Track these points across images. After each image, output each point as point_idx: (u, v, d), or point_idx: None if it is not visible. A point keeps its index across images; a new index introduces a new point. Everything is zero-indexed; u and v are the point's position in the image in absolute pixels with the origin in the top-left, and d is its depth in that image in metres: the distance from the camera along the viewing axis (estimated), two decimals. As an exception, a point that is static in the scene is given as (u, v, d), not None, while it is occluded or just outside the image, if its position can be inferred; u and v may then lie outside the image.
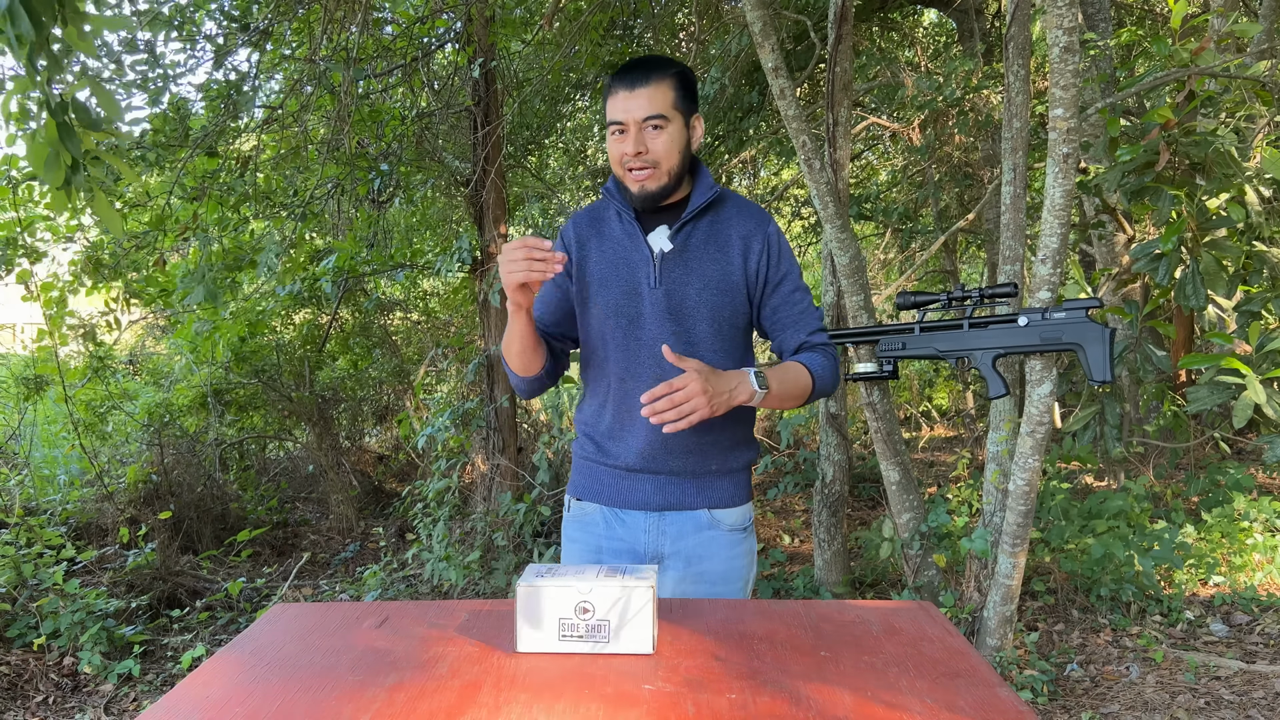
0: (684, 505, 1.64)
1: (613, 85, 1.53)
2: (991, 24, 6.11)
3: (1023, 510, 2.89)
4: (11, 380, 6.06)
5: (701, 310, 1.59)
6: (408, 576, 4.44)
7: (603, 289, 1.61)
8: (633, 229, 1.61)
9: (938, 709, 1.00)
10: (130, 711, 3.28)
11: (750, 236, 1.61)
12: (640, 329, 1.60)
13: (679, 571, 1.64)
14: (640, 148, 1.52)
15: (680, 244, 1.59)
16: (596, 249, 1.64)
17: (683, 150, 1.56)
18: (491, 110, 4.94)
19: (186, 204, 4.53)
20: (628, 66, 1.53)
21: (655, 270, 1.59)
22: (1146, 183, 2.89)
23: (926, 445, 7.31)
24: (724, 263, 1.60)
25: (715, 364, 1.60)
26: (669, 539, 1.64)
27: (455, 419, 4.25)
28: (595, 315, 1.63)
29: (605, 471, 1.68)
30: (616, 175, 1.60)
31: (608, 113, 1.54)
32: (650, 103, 1.50)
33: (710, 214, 1.62)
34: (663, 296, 1.58)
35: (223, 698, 1.06)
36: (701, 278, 1.59)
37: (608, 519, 1.68)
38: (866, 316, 3.36)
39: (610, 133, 1.55)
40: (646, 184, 1.55)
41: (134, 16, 4.47)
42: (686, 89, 1.55)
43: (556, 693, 1.05)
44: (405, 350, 7.17)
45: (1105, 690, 2.98)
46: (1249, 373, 2.54)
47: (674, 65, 1.55)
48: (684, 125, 1.56)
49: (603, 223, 1.66)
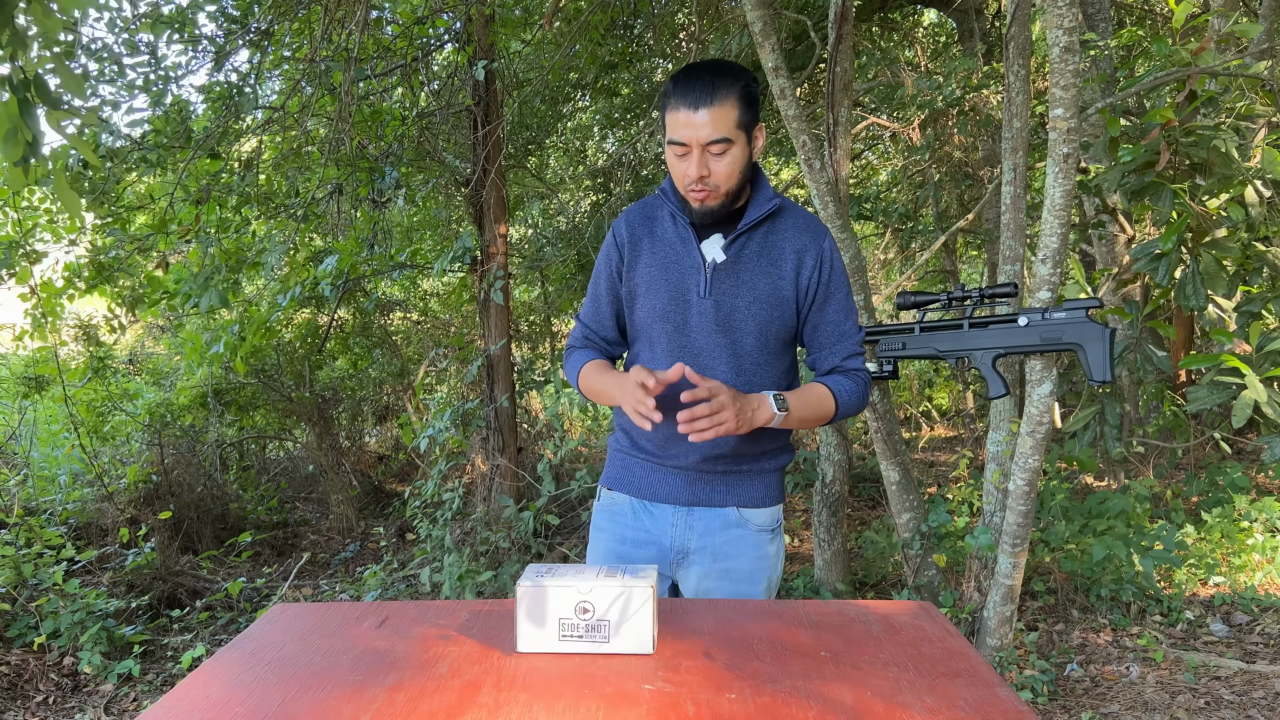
0: (713, 502, 1.64)
1: (674, 99, 1.46)
2: (991, 24, 6.11)
3: (1023, 510, 2.89)
4: (11, 380, 6.06)
5: (749, 324, 1.57)
6: (408, 576, 4.44)
7: (650, 292, 1.60)
8: (687, 234, 1.59)
9: (938, 709, 1.00)
10: (130, 711, 3.28)
11: (804, 251, 1.58)
12: (687, 335, 1.59)
13: (704, 567, 1.64)
14: (704, 171, 1.48)
15: (734, 255, 1.57)
16: (649, 249, 1.62)
17: (745, 169, 1.52)
18: (491, 110, 4.94)
19: (189, 206, 4.53)
20: (690, 78, 1.45)
21: (706, 280, 1.57)
22: (1147, 182, 2.89)
23: (926, 445, 7.31)
24: (775, 277, 1.57)
25: (761, 376, 1.61)
26: (696, 534, 1.64)
27: (455, 419, 4.25)
28: (641, 316, 1.63)
29: (637, 463, 1.68)
30: (676, 188, 1.56)
31: (668, 128, 1.49)
32: (715, 126, 1.44)
33: (766, 225, 1.59)
34: (711, 307, 1.57)
35: (223, 698, 1.06)
36: (752, 290, 1.57)
37: (636, 510, 1.68)
38: (866, 316, 3.36)
39: (670, 148, 1.50)
40: (708, 202, 1.52)
41: (135, 19, 4.47)
42: (750, 101, 1.49)
43: (556, 693, 1.05)
44: (405, 350, 7.17)
45: (1105, 690, 2.98)
46: (1249, 372, 2.54)
47: (739, 77, 1.47)
48: (747, 142, 1.50)
49: (655, 222, 1.63)
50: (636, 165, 5.34)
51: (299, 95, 4.94)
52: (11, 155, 1.92)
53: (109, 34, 4.45)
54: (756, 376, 1.60)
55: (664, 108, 1.50)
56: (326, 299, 5.41)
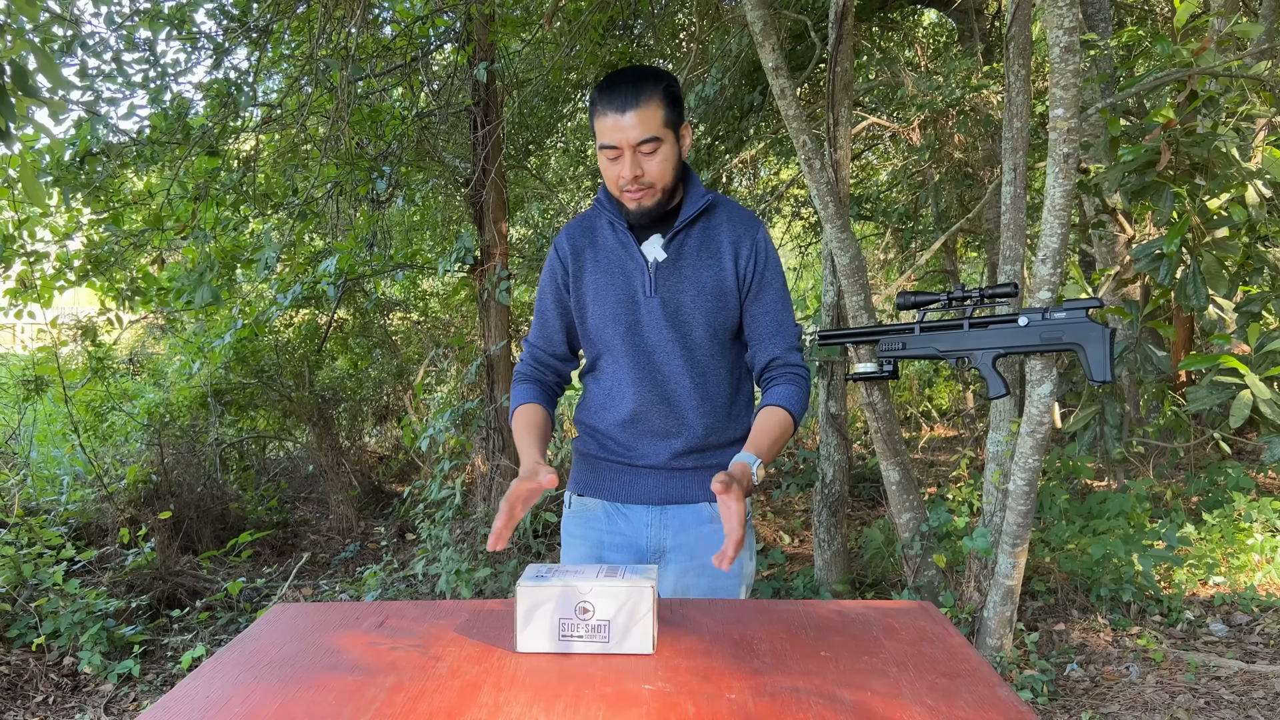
0: (686, 499, 1.66)
1: (600, 105, 1.51)
2: (991, 24, 6.11)
3: (1023, 510, 2.89)
4: (11, 381, 6.06)
5: (697, 317, 1.61)
6: (408, 576, 4.44)
7: (599, 299, 1.64)
8: (627, 239, 1.63)
9: (938, 709, 0.99)
10: (130, 711, 3.28)
11: (739, 242, 1.63)
12: (639, 335, 1.62)
13: (681, 565, 1.65)
14: (636, 171, 1.52)
15: (674, 253, 1.61)
16: (591, 259, 1.66)
17: (676, 165, 1.57)
18: (491, 110, 4.94)
19: (186, 203, 4.52)
20: (612, 83, 1.51)
21: (650, 280, 1.61)
22: (1148, 182, 2.89)
23: (926, 445, 7.31)
24: (716, 269, 1.62)
25: (713, 368, 1.64)
26: (671, 533, 1.66)
27: (455, 419, 4.25)
28: (594, 323, 1.65)
29: (607, 466, 1.69)
30: (610, 192, 1.60)
31: (598, 133, 1.54)
32: (643, 126, 1.49)
33: (702, 221, 1.64)
34: (659, 305, 1.60)
35: (223, 698, 1.06)
36: (695, 285, 1.61)
37: (609, 514, 1.69)
38: (866, 316, 3.36)
39: (602, 153, 1.55)
40: (643, 202, 1.56)
41: (134, 15, 4.47)
42: (674, 101, 1.55)
43: (556, 693, 1.05)
44: (405, 350, 7.17)
45: (1105, 690, 2.98)
46: (1248, 372, 2.54)
47: (660, 79, 1.53)
48: (675, 140, 1.56)
49: (595, 232, 1.68)
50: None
51: (298, 94, 4.94)
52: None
53: (107, 30, 4.44)
54: (710, 368, 1.64)
55: (592, 116, 1.55)
56: (327, 299, 5.41)
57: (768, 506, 5.65)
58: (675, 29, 6.28)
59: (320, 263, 4.89)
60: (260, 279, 5.01)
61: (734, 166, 6.21)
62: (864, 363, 3.14)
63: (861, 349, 3.26)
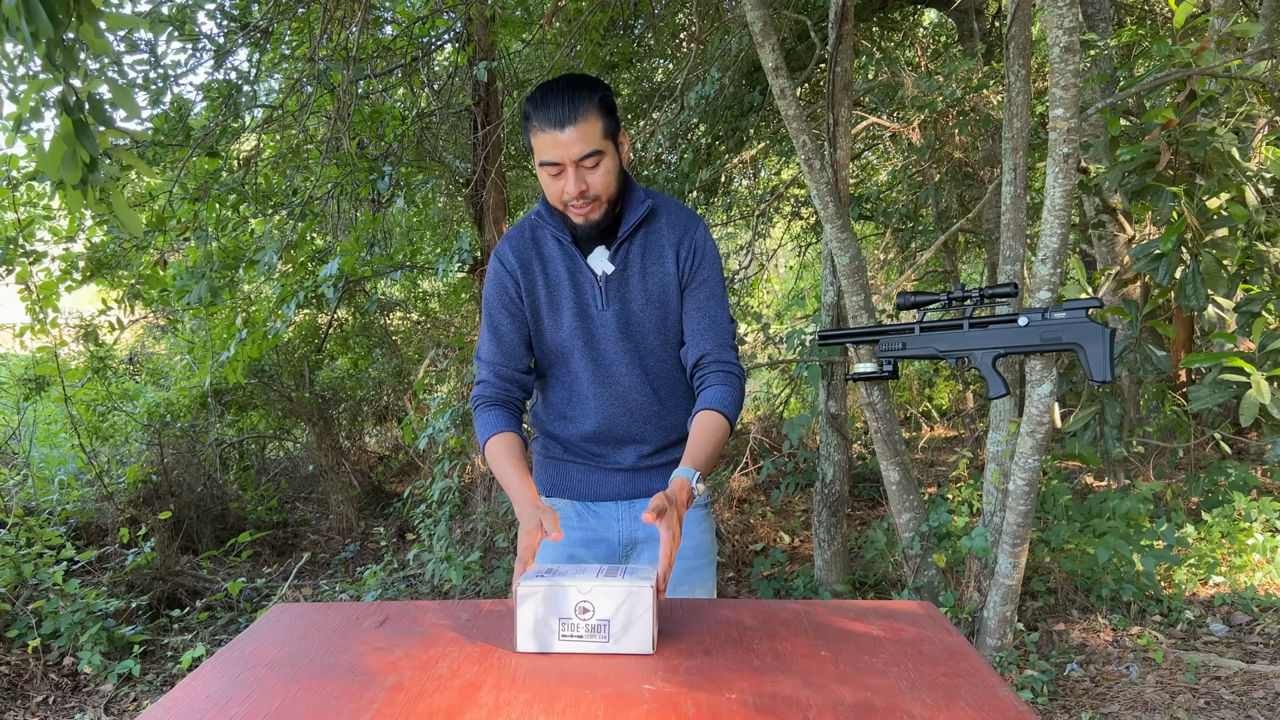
0: (653, 490, 1.66)
1: (536, 121, 1.46)
2: (991, 24, 6.11)
3: (1023, 510, 2.89)
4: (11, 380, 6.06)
5: (648, 324, 1.62)
6: (408, 576, 4.44)
7: (553, 313, 1.62)
8: (573, 252, 1.61)
9: (938, 709, 0.99)
10: (130, 711, 3.28)
11: (680, 242, 1.63)
12: (596, 349, 1.62)
13: (653, 556, 1.67)
14: (581, 186, 1.49)
15: (620, 264, 1.61)
16: (540, 272, 1.63)
17: (619, 175, 1.55)
18: (491, 110, 4.94)
19: (188, 204, 4.52)
20: (548, 97, 1.46)
21: (601, 294, 1.60)
22: (1148, 182, 2.89)
23: (926, 445, 7.30)
24: (661, 274, 1.62)
25: (666, 372, 1.65)
26: (641, 525, 1.68)
27: (455, 419, 4.24)
28: (550, 337, 1.64)
29: (574, 468, 1.71)
30: (553, 206, 1.57)
31: (536, 150, 1.49)
32: (584, 141, 1.45)
33: (644, 227, 1.62)
34: (612, 318, 1.61)
35: (223, 698, 1.06)
36: (644, 293, 1.61)
37: (580, 513, 1.70)
38: (866, 316, 3.36)
39: (543, 170, 1.51)
40: (590, 216, 1.54)
41: (136, 15, 4.46)
42: (609, 110, 1.51)
43: (556, 693, 1.05)
44: (405, 350, 7.17)
45: (1105, 690, 2.98)
46: (1253, 370, 2.54)
47: (594, 90, 1.48)
48: (615, 150, 1.53)
49: (540, 244, 1.64)
50: (636, 166, 5.34)
51: (298, 94, 4.94)
52: (72, 179, 1.93)
53: (108, 31, 4.43)
54: (665, 373, 1.65)
55: (527, 130, 1.51)
56: (327, 300, 5.41)
57: (768, 506, 5.65)
58: (675, 29, 6.27)
59: (321, 262, 4.89)
60: (261, 278, 5.01)
61: (734, 166, 6.21)
62: (864, 363, 3.14)
63: (861, 349, 3.26)
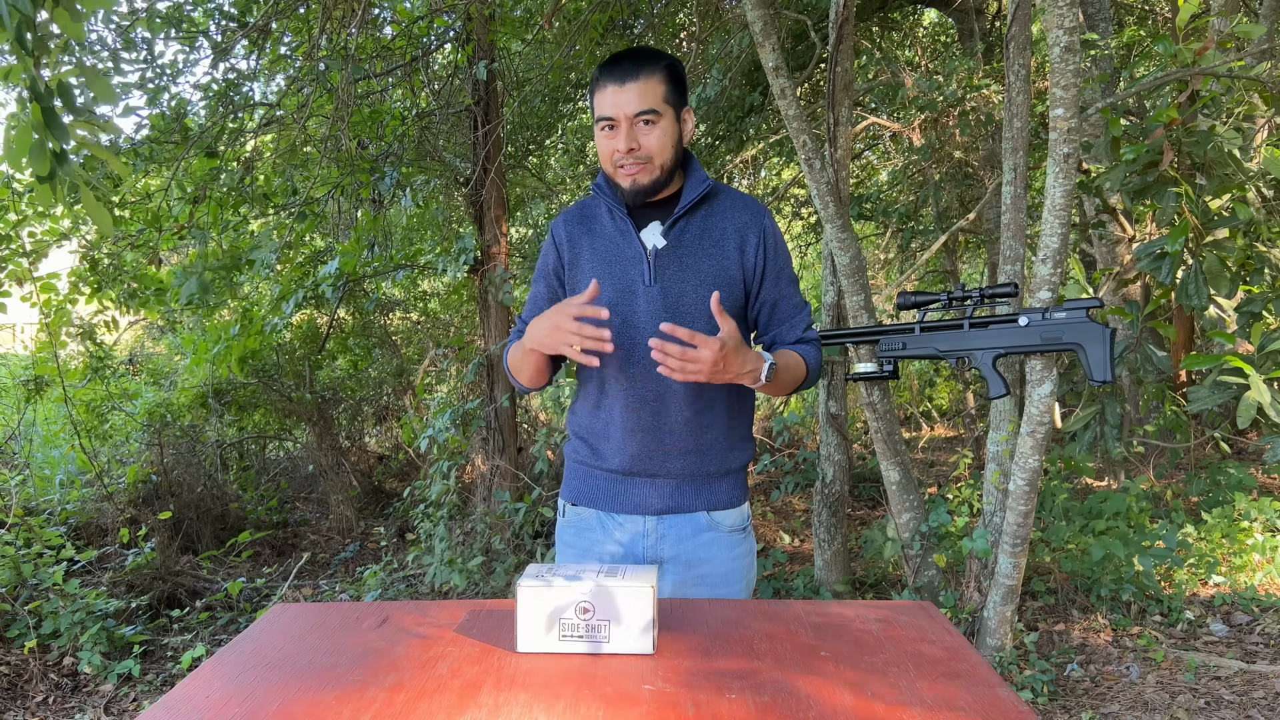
0: (682, 508, 1.60)
1: (601, 79, 1.50)
2: (991, 24, 6.11)
3: (1023, 510, 2.89)
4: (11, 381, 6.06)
5: (700, 307, 1.55)
6: (408, 576, 4.44)
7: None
8: (625, 225, 1.57)
9: (938, 709, 0.99)
10: (130, 711, 3.27)
11: (746, 229, 1.58)
12: (635, 329, 1.56)
13: (678, 576, 1.61)
14: (633, 144, 1.49)
15: (674, 240, 1.56)
16: (588, 247, 1.60)
17: (675, 144, 1.53)
18: (491, 110, 4.93)
19: (185, 204, 4.52)
20: (615, 59, 1.50)
21: (650, 268, 1.55)
22: (1149, 182, 2.89)
23: (926, 445, 7.31)
24: (720, 257, 1.57)
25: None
26: (669, 543, 1.61)
27: (455, 419, 4.24)
28: None
29: (601, 476, 1.64)
30: (606, 172, 1.56)
31: (596, 108, 1.51)
32: (641, 98, 1.47)
33: (704, 208, 1.59)
34: (658, 294, 1.54)
35: (223, 698, 1.06)
36: (697, 274, 1.55)
37: (605, 524, 1.64)
38: (866, 316, 3.36)
39: (599, 128, 1.52)
40: (638, 177, 1.52)
41: (132, 15, 4.47)
42: (676, 82, 1.52)
43: (556, 693, 1.05)
44: (405, 350, 7.17)
45: (1105, 690, 2.98)
46: (1252, 372, 2.54)
47: (663, 57, 1.52)
48: (675, 119, 1.53)
49: (593, 220, 1.62)
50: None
51: (297, 94, 4.93)
52: (40, 170, 1.81)
53: (105, 29, 4.44)
54: None
55: (592, 95, 1.53)
56: (327, 300, 5.41)
57: (768, 506, 5.65)
58: (675, 29, 6.27)
59: (320, 262, 4.90)
60: (260, 277, 5.01)
61: (735, 166, 6.21)
62: (864, 363, 3.13)
63: (861, 349, 3.26)
